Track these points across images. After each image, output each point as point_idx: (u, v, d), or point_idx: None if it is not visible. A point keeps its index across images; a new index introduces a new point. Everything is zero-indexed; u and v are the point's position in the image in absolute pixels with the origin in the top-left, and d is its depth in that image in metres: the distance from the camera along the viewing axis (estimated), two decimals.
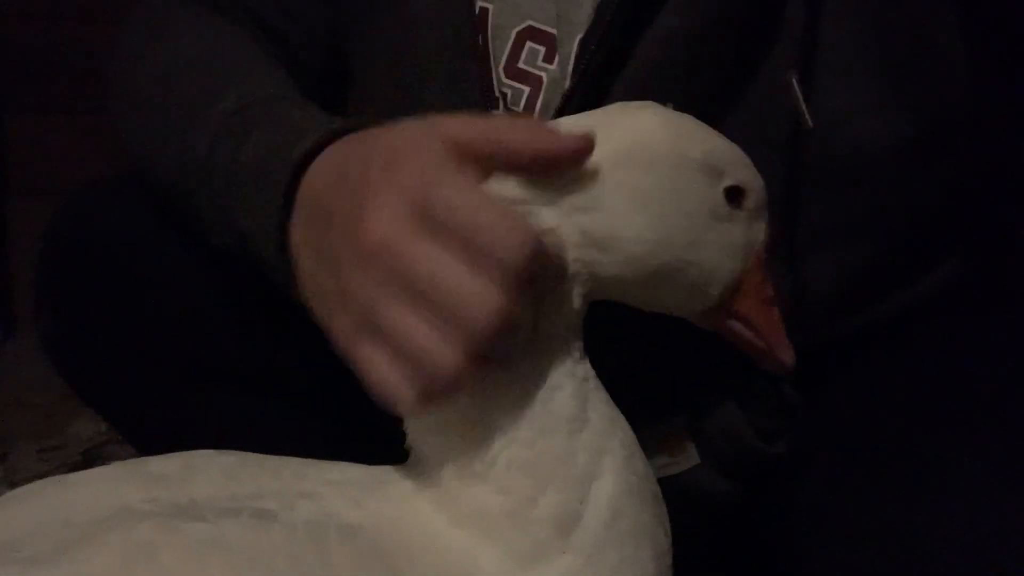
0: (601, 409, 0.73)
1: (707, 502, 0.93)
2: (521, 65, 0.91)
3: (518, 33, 0.91)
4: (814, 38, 0.84)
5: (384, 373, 0.65)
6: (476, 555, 0.70)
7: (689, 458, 0.92)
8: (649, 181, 0.70)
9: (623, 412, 0.74)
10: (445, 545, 0.70)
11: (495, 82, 0.91)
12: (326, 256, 0.69)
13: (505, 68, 0.91)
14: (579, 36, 0.87)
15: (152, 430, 1.00)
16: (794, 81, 0.72)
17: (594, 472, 0.71)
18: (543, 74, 0.90)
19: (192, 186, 0.83)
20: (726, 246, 0.73)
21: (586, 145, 0.67)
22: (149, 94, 0.90)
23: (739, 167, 0.74)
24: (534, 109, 0.90)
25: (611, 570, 0.71)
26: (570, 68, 0.88)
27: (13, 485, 1.36)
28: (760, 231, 0.76)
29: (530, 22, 0.90)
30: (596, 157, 0.69)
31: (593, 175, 0.70)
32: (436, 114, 0.83)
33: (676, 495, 0.91)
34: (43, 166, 1.74)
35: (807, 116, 0.71)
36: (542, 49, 0.90)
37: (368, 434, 0.77)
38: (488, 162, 0.66)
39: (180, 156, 0.84)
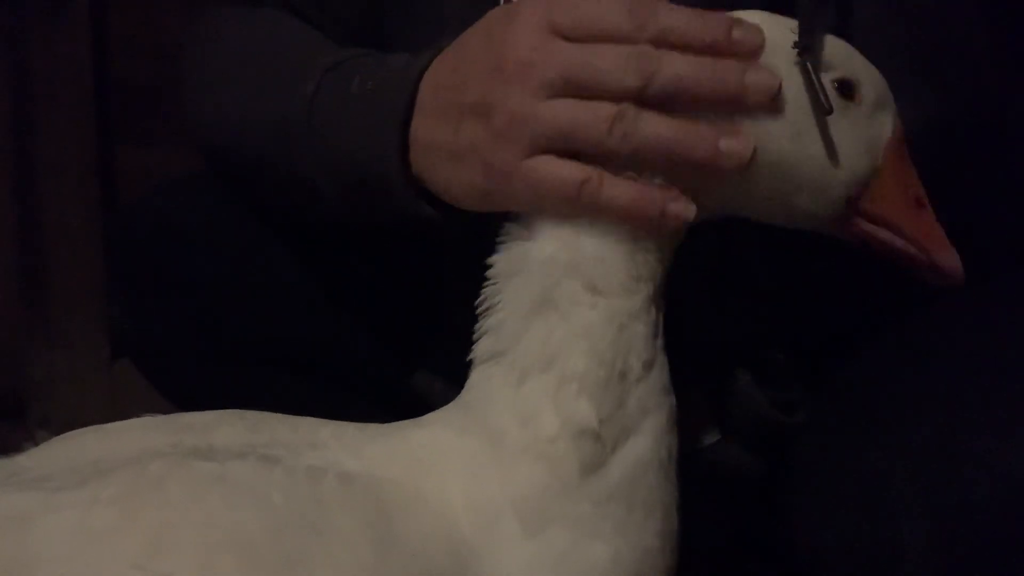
0: (662, 371, 0.73)
1: (733, 478, 0.93)
2: None
3: None
4: (843, 23, 0.85)
5: (561, 167, 0.71)
6: (479, 494, 0.72)
7: (709, 433, 0.93)
8: None
9: None
10: (446, 493, 0.73)
11: None
12: (461, 112, 0.75)
13: None
14: None
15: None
16: (808, 65, 0.72)
17: (636, 426, 0.72)
18: None
19: (292, 129, 0.87)
20: (843, 141, 0.72)
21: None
22: (239, 65, 0.95)
23: (847, 59, 0.73)
24: None
25: (614, 525, 0.72)
26: None
27: None
28: (886, 125, 0.74)
29: None
30: None
31: None
32: None
33: (701, 472, 0.92)
34: None
35: (825, 99, 0.72)
36: None
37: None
38: None
39: (279, 107, 0.89)
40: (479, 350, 0.74)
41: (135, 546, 0.64)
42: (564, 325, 0.71)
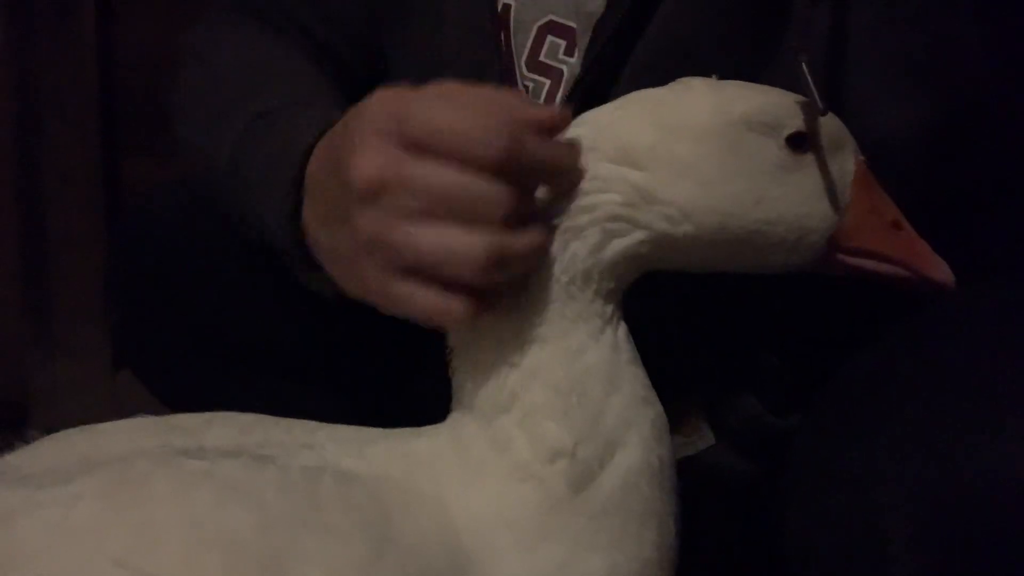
0: (635, 384, 0.74)
1: (728, 483, 0.93)
2: (542, 59, 0.94)
3: (539, 27, 0.94)
4: (839, 27, 0.85)
5: (424, 298, 0.69)
6: (474, 509, 0.72)
7: (704, 439, 0.92)
8: (695, 150, 0.72)
9: None
10: (443, 500, 0.72)
11: (517, 76, 0.95)
12: (335, 217, 0.73)
13: (526, 61, 0.94)
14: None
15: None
16: (804, 66, 0.73)
17: (620, 439, 0.72)
18: (564, 67, 0.93)
19: (220, 186, 0.90)
20: (809, 193, 0.73)
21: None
22: (196, 100, 0.97)
23: (795, 113, 0.74)
24: (555, 101, 0.94)
25: (610, 539, 0.72)
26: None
27: None
28: (847, 162, 0.75)
29: (551, 16, 0.94)
30: (652, 132, 0.72)
31: (649, 147, 0.72)
32: None
33: (697, 478, 0.92)
34: None
35: (819, 101, 0.72)
36: (563, 43, 0.94)
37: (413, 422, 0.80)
38: None
39: (213, 159, 0.90)
40: (453, 400, 0.76)
41: (118, 543, 0.63)
42: (515, 372, 0.73)
